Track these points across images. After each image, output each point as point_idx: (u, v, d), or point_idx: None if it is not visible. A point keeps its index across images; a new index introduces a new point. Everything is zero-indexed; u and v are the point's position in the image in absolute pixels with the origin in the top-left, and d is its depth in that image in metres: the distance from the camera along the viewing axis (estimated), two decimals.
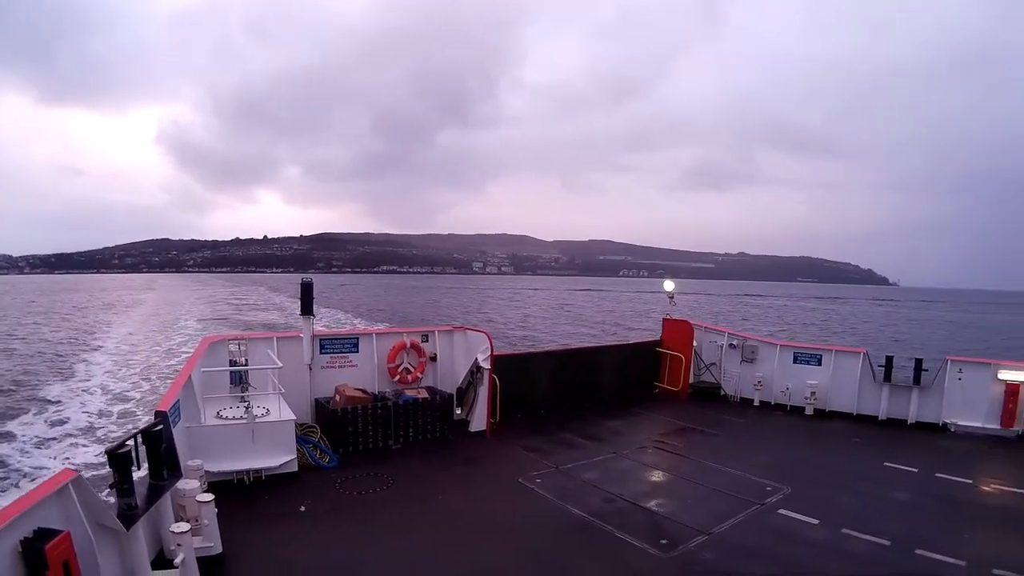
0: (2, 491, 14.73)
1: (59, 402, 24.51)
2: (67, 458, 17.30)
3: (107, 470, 5.97)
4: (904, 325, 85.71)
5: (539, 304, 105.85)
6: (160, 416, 6.85)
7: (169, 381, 28.89)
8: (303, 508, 8.34)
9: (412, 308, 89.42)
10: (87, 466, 16.26)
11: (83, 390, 27.04)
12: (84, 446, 18.37)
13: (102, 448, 15.59)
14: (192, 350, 11.45)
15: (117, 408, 23.51)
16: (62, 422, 21.19)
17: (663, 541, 7.44)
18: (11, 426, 20.54)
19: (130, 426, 19.82)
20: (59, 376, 30.64)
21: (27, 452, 17.80)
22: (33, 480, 15.18)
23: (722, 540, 7.53)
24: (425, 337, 13.04)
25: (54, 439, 19.06)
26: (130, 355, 38.11)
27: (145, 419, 22.02)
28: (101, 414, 22.45)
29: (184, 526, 6.02)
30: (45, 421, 21.32)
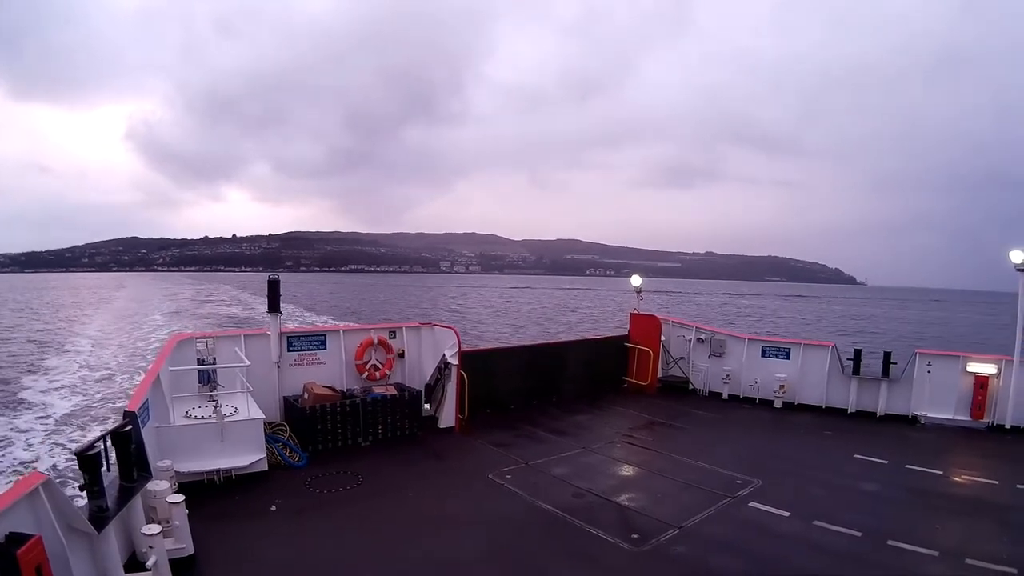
0: None
1: (27, 403, 24.13)
2: (35, 461, 17.03)
3: (75, 471, 5.96)
4: (871, 321, 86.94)
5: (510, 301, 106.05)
6: (129, 416, 6.81)
7: (137, 380, 28.74)
8: (274, 507, 8.37)
9: (378, 305, 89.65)
10: (55, 469, 16.08)
11: (51, 390, 26.61)
12: (53, 448, 18.10)
13: (71, 450, 15.36)
14: (160, 349, 11.38)
15: (85, 409, 23.17)
16: (30, 424, 20.85)
17: (634, 535, 7.51)
18: None
19: (99, 427, 19.61)
20: (26, 376, 30.14)
21: None
22: (5, 483, 14.98)
23: (694, 534, 7.61)
24: (393, 333, 13.02)
25: (22, 441, 18.74)
26: (98, 354, 37.59)
27: (113, 419, 21.84)
28: (69, 415, 22.12)
29: (155, 528, 6.00)
30: (12, 423, 20.95)
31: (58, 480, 5.68)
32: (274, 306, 11.49)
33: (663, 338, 16.57)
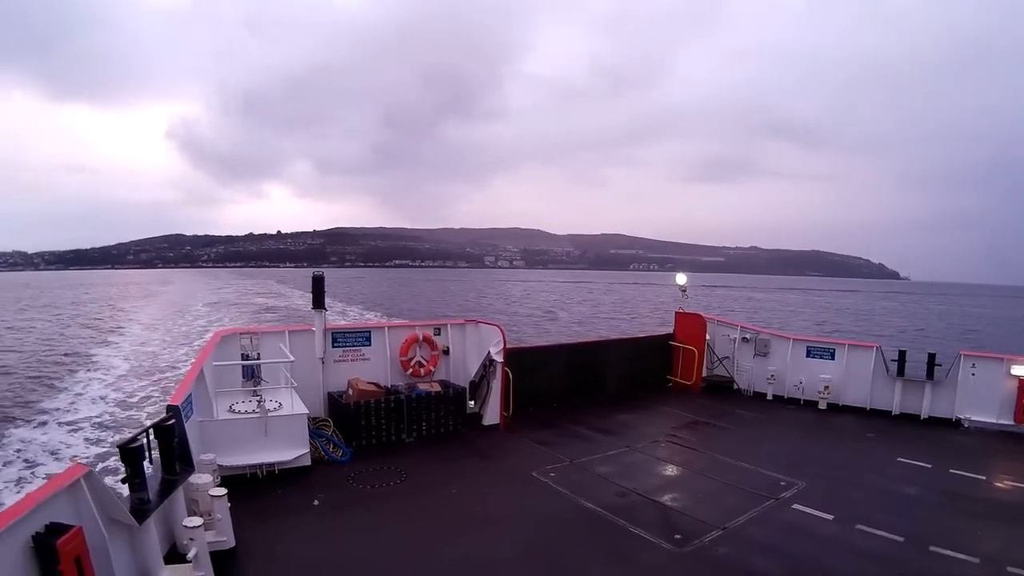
0: (15, 486, 14.83)
1: (71, 396, 24.55)
2: (74, 455, 17.26)
3: (113, 463, 5.96)
4: (915, 319, 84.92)
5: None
6: (172, 410, 6.82)
7: (181, 375, 29.23)
8: (316, 502, 8.32)
9: (422, 302, 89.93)
10: (98, 459, 16.32)
11: (95, 384, 27.13)
12: (97, 440, 18.35)
13: (113, 443, 15.57)
14: (204, 344, 11.45)
15: (129, 402, 23.49)
16: (74, 417, 21.20)
17: (677, 536, 7.39)
18: (23, 422, 20.61)
19: (143, 420, 19.83)
20: (71, 370, 30.79)
21: (39, 447, 17.80)
22: (45, 476, 15.27)
23: (736, 535, 7.48)
24: (438, 330, 13.00)
25: (66, 434, 19.04)
26: (143, 349, 38.31)
27: (156, 413, 22.31)
28: (113, 408, 22.44)
29: (197, 520, 5.98)
30: (56, 416, 21.33)
31: (101, 472, 5.63)
32: (319, 302, 11.51)
33: (708, 337, 16.36)
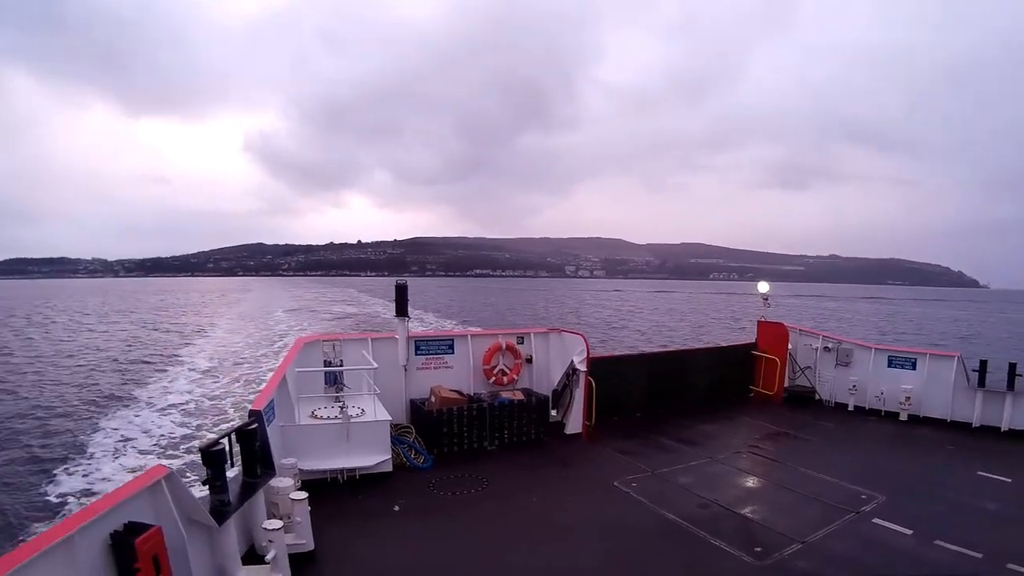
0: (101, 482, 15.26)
1: (153, 400, 25.29)
2: (157, 453, 17.85)
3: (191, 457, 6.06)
4: (996, 328, 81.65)
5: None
6: (255, 415, 7.00)
7: (260, 375, 29.86)
8: (397, 508, 8.35)
9: (502, 310, 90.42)
10: (180, 461, 16.69)
11: (178, 388, 27.90)
12: (179, 442, 18.79)
13: (196, 446, 15.93)
14: (286, 351, 11.67)
15: (211, 406, 24.05)
16: (156, 419, 21.75)
17: (757, 548, 7.28)
18: (106, 423, 21.26)
19: (224, 422, 20.49)
20: (155, 374, 31.82)
21: (121, 448, 18.31)
22: (131, 470, 15.86)
23: (816, 549, 7.35)
24: (521, 339, 12.95)
25: (148, 436, 19.52)
26: (225, 354, 39.51)
27: (232, 411, 23.00)
28: (195, 412, 22.96)
29: (277, 523, 6.07)
30: (139, 418, 21.94)
31: (182, 471, 5.68)
32: (402, 310, 11.56)
33: (790, 346, 15.94)
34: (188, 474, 14.42)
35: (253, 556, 6.52)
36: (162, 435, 19.64)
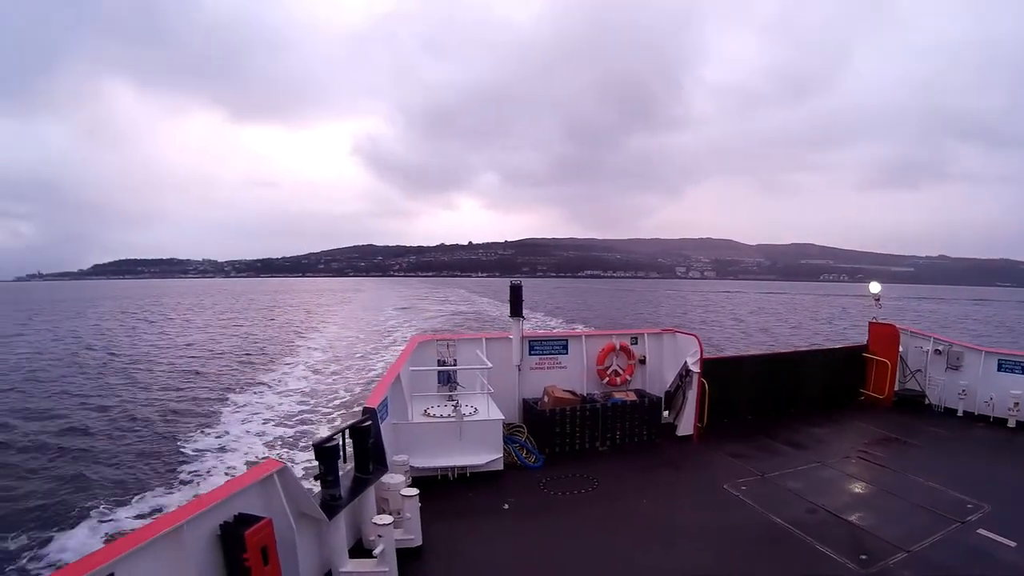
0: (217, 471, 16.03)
1: (268, 394, 26.33)
2: (270, 445, 18.52)
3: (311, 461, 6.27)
4: None
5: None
6: (368, 412, 7.15)
7: (371, 367, 30.63)
8: (506, 506, 8.40)
9: (613, 311, 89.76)
10: (292, 454, 17.28)
11: (291, 384, 28.88)
12: (296, 437, 19.34)
13: (308, 443, 16.42)
14: (400, 349, 11.87)
15: (324, 402, 24.71)
16: (270, 413, 22.55)
17: (863, 556, 7.14)
18: (222, 417, 22.23)
19: (337, 420, 20.95)
20: (268, 370, 33.06)
21: (237, 441, 19.07)
22: (246, 462, 16.61)
23: (921, 558, 7.17)
24: (634, 340, 12.79)
25: (262, 431, 20.17)
26: (338, 350, 40.75)
27: (344, 404, 23.60)
28: (308, 407, 23.64)
29: (387, 518, 6.12)
30: (254, 413, 22.74)
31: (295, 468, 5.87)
32: (516, 311, 11.54)
33: (901, 349, 15.29)
34: (300, 468, 14.91)
35: (360, 550, 6.67)
36: (277, 428, 20.36)
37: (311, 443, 6.26)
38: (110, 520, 13.33)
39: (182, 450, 18.18)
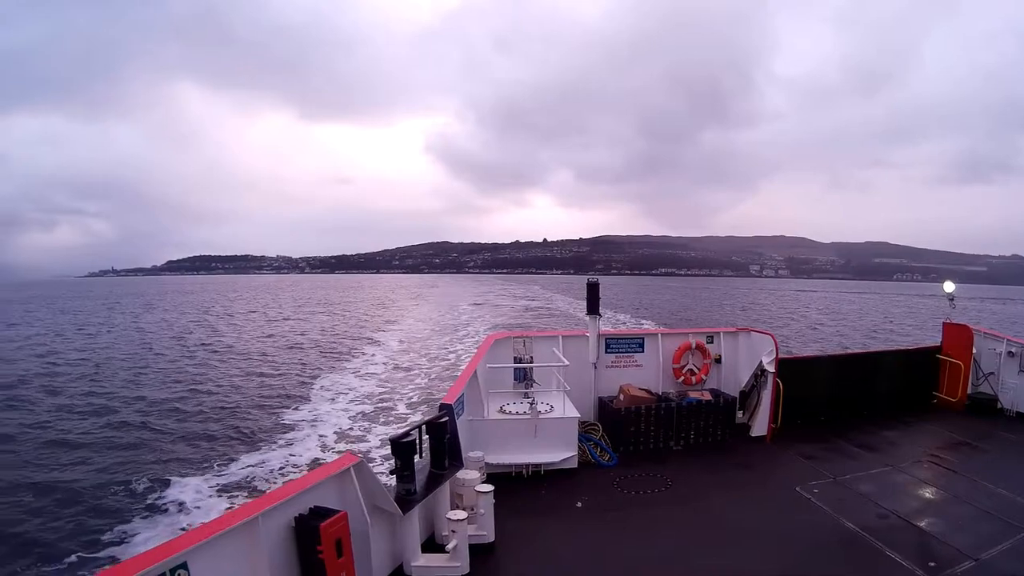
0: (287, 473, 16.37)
1: (344, 389, 26.78)
2: (347, 438, 18.93)
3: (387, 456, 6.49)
4: None
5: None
6: (445, 409, 7.30)
7: (445, 359, 30.91)
8: (579, 504, 8.40)
9: (689, 309, 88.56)
10: (369, 448, 17.62)
11: (369, 378, 29.33)
12: (369, 432, 19.62)
13: (385, 438, 16.68)
14: (477, 346, 12.01)
15: (400, 396, 25.05)
16: (347, 410, 22.85)
17: (931, 564, 6.99)
18: (300, 412, 22.70)
19: (415, 416, 21.16)
20: (346, 365, 33.52)
21: (313, 434, 19.45)
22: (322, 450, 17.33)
23: (988, 567, 7.00)
24: (710, 338, 12.65)
25: (339, 425, 20.48)
26: (414, 344, 41.40)
27: (419, 397, 24.17)
28: (385, 404, 23.88)
29: (461, 514, 6.23)
30: (332, 408, 23.14)
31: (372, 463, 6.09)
32: (593, 308, 11.54)
33: (974, 350, 14.63)
34: (376, 462, 15.25)
35: (432, 544, 6.83)
36: (354, 422, 20.75)
37: (388, 438, 6.45)
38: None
39: (265, 439, 18.84)
